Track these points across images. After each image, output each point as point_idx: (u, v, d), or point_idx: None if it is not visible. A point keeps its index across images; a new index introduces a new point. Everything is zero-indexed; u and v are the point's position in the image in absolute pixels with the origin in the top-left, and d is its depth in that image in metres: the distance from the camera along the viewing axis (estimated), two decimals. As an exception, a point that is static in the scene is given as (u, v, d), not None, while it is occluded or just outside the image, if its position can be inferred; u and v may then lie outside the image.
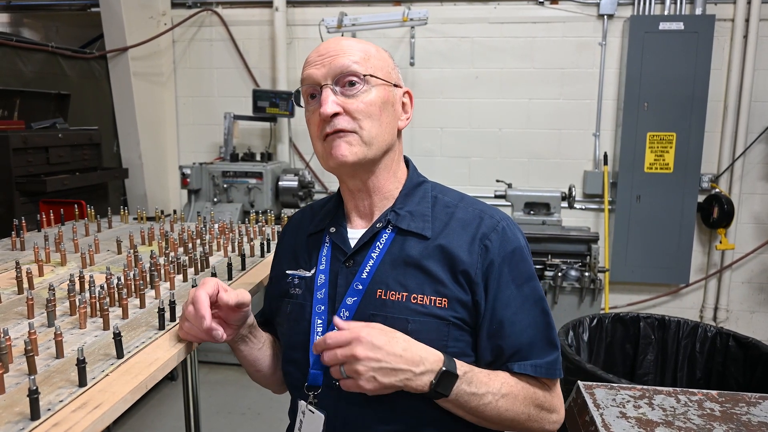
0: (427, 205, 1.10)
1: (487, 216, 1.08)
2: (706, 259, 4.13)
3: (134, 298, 1.34)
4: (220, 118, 4.16)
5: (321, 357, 0.95)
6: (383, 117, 1.05)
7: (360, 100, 1.03)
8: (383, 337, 0.92)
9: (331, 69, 1.03)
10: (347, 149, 1.03)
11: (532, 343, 1.04)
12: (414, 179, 1.14)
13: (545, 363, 1.04)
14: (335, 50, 1.05)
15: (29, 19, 4.82)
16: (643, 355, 2.37)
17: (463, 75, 4.11)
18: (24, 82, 3.34)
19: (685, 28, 3.68)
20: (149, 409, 3.26)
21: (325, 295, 1.08)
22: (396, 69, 1.13)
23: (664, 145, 3.81)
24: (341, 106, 1.03)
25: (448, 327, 1.01)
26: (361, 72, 1.03)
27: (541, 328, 1.06)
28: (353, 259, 1.08)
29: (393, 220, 1.08)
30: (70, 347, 1.07)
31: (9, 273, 1.53)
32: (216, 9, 4.27)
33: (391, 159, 1.11)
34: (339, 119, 1.03)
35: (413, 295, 1.02)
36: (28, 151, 2.95)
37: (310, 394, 1.05)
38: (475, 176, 4.20)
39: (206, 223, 2.09)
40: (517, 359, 1.04)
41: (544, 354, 1.05)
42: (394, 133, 1.10)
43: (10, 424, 0.81)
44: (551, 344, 1.06)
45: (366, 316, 1.02)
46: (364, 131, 1.03)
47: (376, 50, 1.09)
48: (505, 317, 1.03)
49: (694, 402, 1.37)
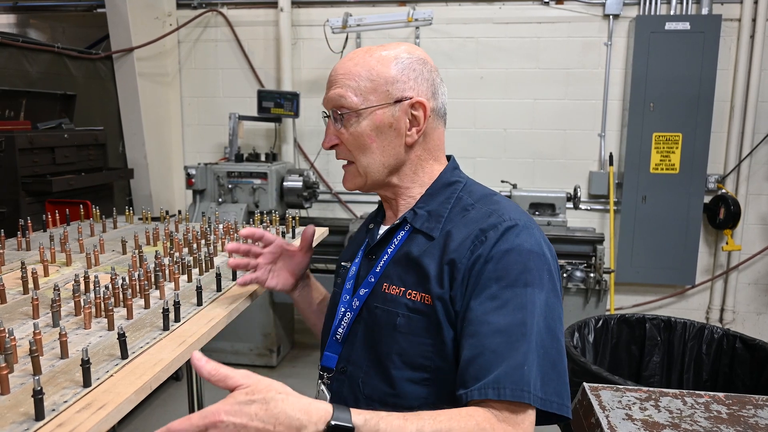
0: (447, 206, 1.09)
1: (495, 215, 1.02)
2: (712, 261, 4.11)
3: (139, 298, 1.34)
4: (225, 119, 4.16)
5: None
6: (377, 144, 1.07)
7: (349, 132, 1.07)
8: (248, 410, 0.74)
9: (328, 100, 1.09)
10: (349, 180, 1.13)
11: (498, 353, 0.89)
12: (444, 179, 1.13)
13: (500, 381, 0.87)
14: (333, 78, 1.08)
15: (35, 19, 4.85)
16: (649, 357, 2.36)
17: (468, 75, 4.11)
18: (30, 82, 3.35)
19: (692, 28, 3.66)
20: (154, 409, 3.26)
21: (351, 286, 1.15)
22: (403, 78, 1.06)
23: (670, 145, 3.80)
24: (339, 137, 1.09)
25: (435, 326, 0.98)
26: (347, 105, 1.05)
27: (513, 340, 0.90)
28: (374, 253, 1.13)
29: (409, 218, 1.10)
30: (75, 347, 1.07)
31: (14, 273, 1.54)
32: (221, 10, 4.28)
33: (405, 174, 1.12)
34: (337, 151, 1.11)
35: (409, 290, 1.03)
36: (34, 152, 2.96)
37: (323, 374, 1.12)
38: (480, 176, 4.15)
39: (211, 224, 2.09)
40: (476, 372, 0.89)
41: (508, 370, 0.87)
42: (399, 153, 1.09)
43: (14, 425, 0.81)
44: (514, 361, 0.88)
45: (372, 308, 1.06)
46: (358, 163, 1.09)
47: (372, 69, 1.05)
48: (473, 317, 0.94)
49: (701, 404, 1.36)
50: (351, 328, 1.10)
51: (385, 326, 1.03)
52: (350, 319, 1.09)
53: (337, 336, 1.10)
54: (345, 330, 1.09)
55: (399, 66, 1.06)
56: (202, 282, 1.35)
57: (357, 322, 1.09)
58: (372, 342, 1.05)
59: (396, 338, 1.01)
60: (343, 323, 1.10)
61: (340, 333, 1.10)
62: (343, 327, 1.10)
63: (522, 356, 0.89)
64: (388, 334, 1.03)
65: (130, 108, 4.05)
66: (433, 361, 0.99)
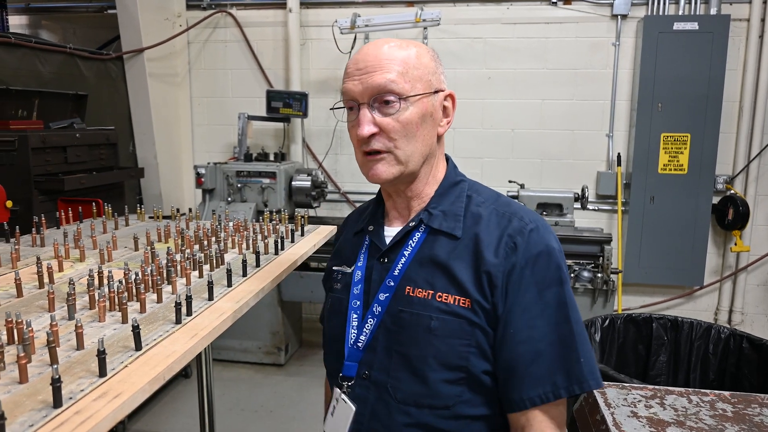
0: (461, 205, 1.09)
1: (516, 218, 1.05)
2: (720, 261, 4.09)
3: (151, 293, 1.37)
4: (234, 119, 4.20)
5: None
6: (420, 132, 1.04)
7: (396, 119, 1.02)
8: None
9: (368, 87, 1.02)
10: (383, 170, 1.04)
11: (555, 356, 1.00)
12: (451, 178, 1.13)
13: (555, 383, 0.99)
14: (373, 64, 1.02)
15: (47, 21, 4.90)
16: (656, 356, 2.37)
17: (475, 75, 4.12)
18: (42, 82, 3.40)
19: (700, 28, 3.65)
20: (163, 406, 3.29)
21: (360, 291, 1.11)
22: (439, 70, 1.09)
23: (678, 146, 3.79)
24: (378, 125, 1.02)
25: (471, 327, 1.01)
26: (398, 91, 1.01)
27: (564, 337, 1.00)
28: (387, 256, 1.10)
29: (425, 219, 1.08)
30: (90, 339, 1.10)
31: (30, 268, 1.57)
32: (230, 10, 4.31)
33: (431, 165, 1.11)
34: (375, 140, 1.03)
35: (438, 293, 1.02)
36: (47, 151, 3.00)
37: (344, 384, 1.09)
38: (488, 177, 4.20)
39: (221, 222, 2.11)
40: (537, 376, 1.00)
41: (556, 367, 1.00)
42: (433, 143, 1.09)
43: (33, 411, 0.84)
44: (572, 356, 1.00)
45: (395, 312, 1.05)
46: (400, 150, 1.03)
47: (417, 57, 1.05)
48: (522, 323, 1.00)
49: (706, 402, 1.37)
50: (373, 334, 1.08)
51: (416, 330, 1.02)
52: (373, 326, 1.07)
53: (359, 344, 1.08)
54: (368, 337, 1.07)
55: (434, 58, 1.09)
56: (213, 277, 1.38)
57: (378, 327, 1.07)
58: (399, 346, 1.04)
59: (431, 341, 1.01)
60: (365, 330, 1.07)
61: (362, 341, 1.08)
62: (365, 334, 1.07)
63: (575, 352, 1.00)
64: (422, 338, 1.02)
65: (141, 108, 4.09)
66: (468, 360, 1.01)
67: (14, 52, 3.20)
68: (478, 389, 1.03)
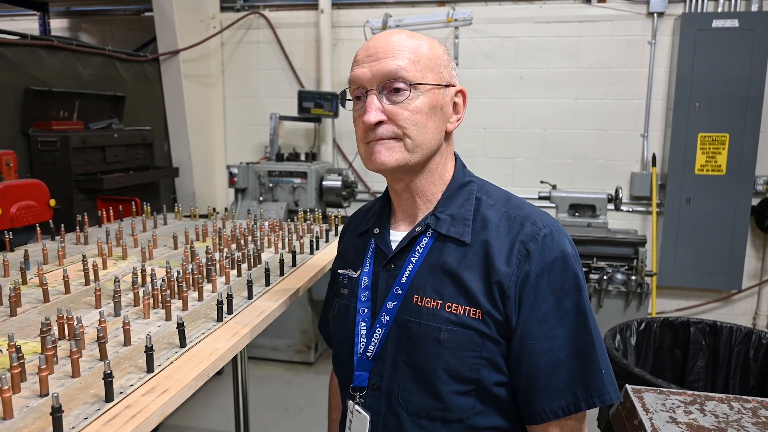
0: (470, 208, 1.04)
1: (528, 223, 1.01)
2: (760, 265, 3.98)
3: (193, 291, 1.40)
4: (266, 119, 4.25)
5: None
6: (430, 123, 1.00)
7: (406, 107, 0.97)
8: None
9: (377, 73, 0.97)
10: (387, 155, 0.99)
11: (575, 367, 0.97)
12: (459, 179, 1.08)
13: (589, 392, 0.97)
14: (384, 51, 0.98)
15: (87, 23, 5.04)
16: (693, 361, 2.32)
17: (507, 75, 4.09)
18: (82, 84, 3.49)
19: (740, 26, 3.56)
20: (196, 401, 3.36)
21: (368, 298, 1.07)
22: (450, 65, 1.05)
23: (716, 146, 3.70)
24: (386, 113, 0.98)
25: (482, 339, 0.97)
26: (408, 78, 0.97)
27: (584, 347, 0.97)
28: (394, 262, 1.06)
29: (432, 224, 1.04)
30: (136, 336, 1.13)
31: (76, 265, 1.62)
32: (263, 12, 4.37)
33: (437, 163, 1.06)
34: (382, 128, 0.98)
35: (447, 303, 0.99)
36: (87, 151, 3.09)
37: (356, 394, 1.06)
38: (519, 177, 4.16)
39: (257, 221, 2.15)
40: (558, 388, 0.97)
41: (576, 378, 0.97)
42: (441, 138, 1.04)
43: (87, 405, 0.87)
44: (593, 367, 0.97)
45: (403, 322, 1.01)
46: (408, 139, 0.99)
47: (429, 47, 1.01)
48: (540, 333, 0.97)
49: (749, 409, 1.34)
50: (382, 344, 1.05)
51: (425, 341, 0.99)
52: (382, 335, 1.03)
53: (368, 354, 1.04)
54: (377, 347, 1.03)
55: (446, 52, 1.06)
56: (252, 276, 1.40)
57: (387, 336, 1.04)
58: (408, 357, 1.01)
59: (440, 353, 0.98)
60: (374, 340, 1.04)
61: (371, 350, 1.04)
62: (374, 344, 1.04)
63: (595, 363, 0.97)
64: (430, 350, 0.98)
65: (176, 108, 4.17)
66: (479, 372, 0.98)
67: (56, 54, 3.30)
68: (491, 401, 1.00)
